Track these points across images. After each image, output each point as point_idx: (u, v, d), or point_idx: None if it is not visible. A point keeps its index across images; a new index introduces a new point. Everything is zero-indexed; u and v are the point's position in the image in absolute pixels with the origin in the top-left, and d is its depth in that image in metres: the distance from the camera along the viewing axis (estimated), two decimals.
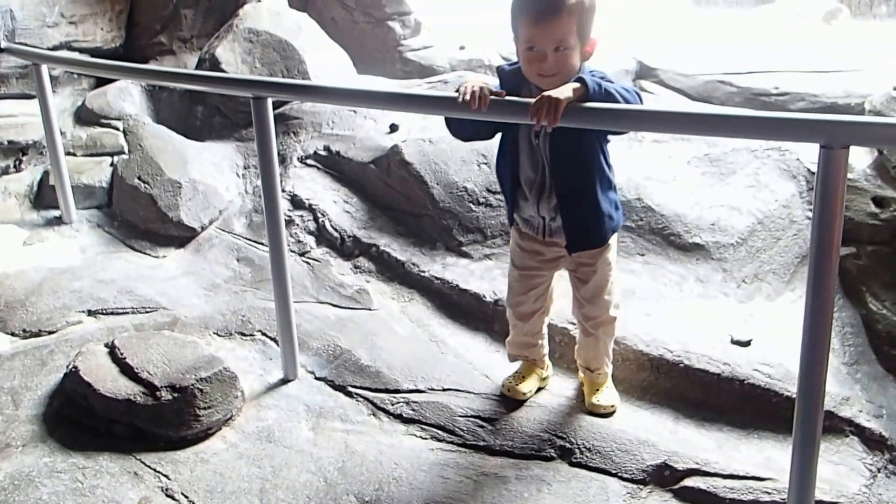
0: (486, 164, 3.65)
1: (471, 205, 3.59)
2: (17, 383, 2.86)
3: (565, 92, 2.04)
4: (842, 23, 6.05)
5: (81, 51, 4.97)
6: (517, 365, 2.76)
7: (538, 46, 2.15)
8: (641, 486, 2.34)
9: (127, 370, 2.64)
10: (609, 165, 2.39)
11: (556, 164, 2.30)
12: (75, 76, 4.98)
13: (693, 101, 4.75)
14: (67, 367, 2.73)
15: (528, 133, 2.33)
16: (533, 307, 2.59)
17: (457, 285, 3.27)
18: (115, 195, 4.30)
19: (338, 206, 3.91)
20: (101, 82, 4.99)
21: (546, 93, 2.05)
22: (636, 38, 5.55)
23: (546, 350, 2.74)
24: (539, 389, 2.73)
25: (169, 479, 2.39)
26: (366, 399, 2.77)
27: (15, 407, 2.73)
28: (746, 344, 2.75)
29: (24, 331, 3.23)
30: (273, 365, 2.97)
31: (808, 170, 3.40)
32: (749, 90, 4.71)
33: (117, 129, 4.60)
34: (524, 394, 2.67)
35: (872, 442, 2.44)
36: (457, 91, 2.22)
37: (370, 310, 3.33)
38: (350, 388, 2.83)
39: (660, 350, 2.74)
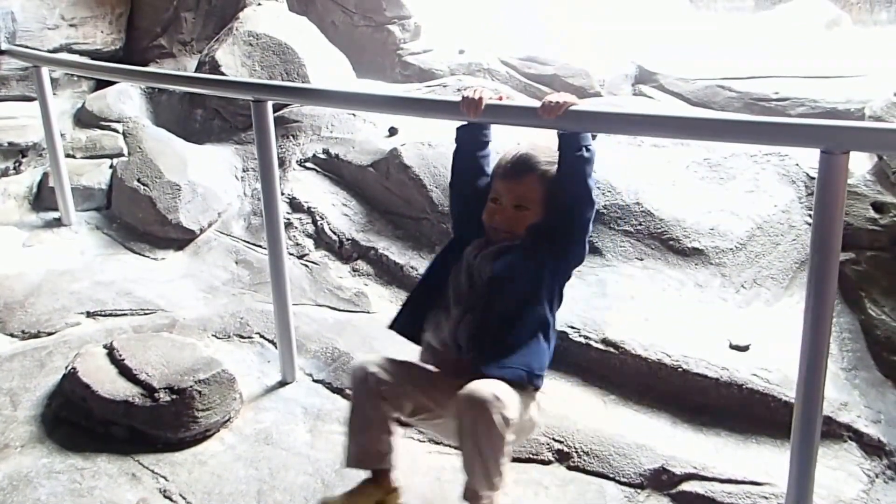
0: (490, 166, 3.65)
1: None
2: (15, 384, 2.85)
3: (572, 98, 2.08)
4: (842, 29, 6.06)
5: (81, 53, 4.98)
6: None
7: (501, 199, 2.16)
8: (639, 491, 2.33)
9: (125, 372, 2.63)
10: (552, 312, 2.13)
11: (493, 282, 2.09)
12: (75, 78, 4.99)
13: (692, 105, 4.75)
14: (66, 368, 2.72)
15: (474, 248, 2.19)
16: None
17: None
18: (114, 197, 4.30)
19: (336, 209, 3.91)
20: (100, 85, 5.00)
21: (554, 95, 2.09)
22: (636, 42, 5.56)
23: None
24: None
25: (167, 480, 2.38)
26: None
27: (13, 408, 2.72)
28: (745, 349, 2.75)
29: (23, 332, 3.23)
30: (271, 367, 2.97)
31: (808, 175, 3.40)
32: (749, 95, 4.71)
33: (117, 132, 4.61)
34: None
35: (870, 447, 2.45)
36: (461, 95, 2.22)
37: (368, 313, 3.33)
38: (348, 391, 2.82)
39: (658, 354, 2.74)
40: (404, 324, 2.26)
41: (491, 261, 2.13)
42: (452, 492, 2.30)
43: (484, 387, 1.91)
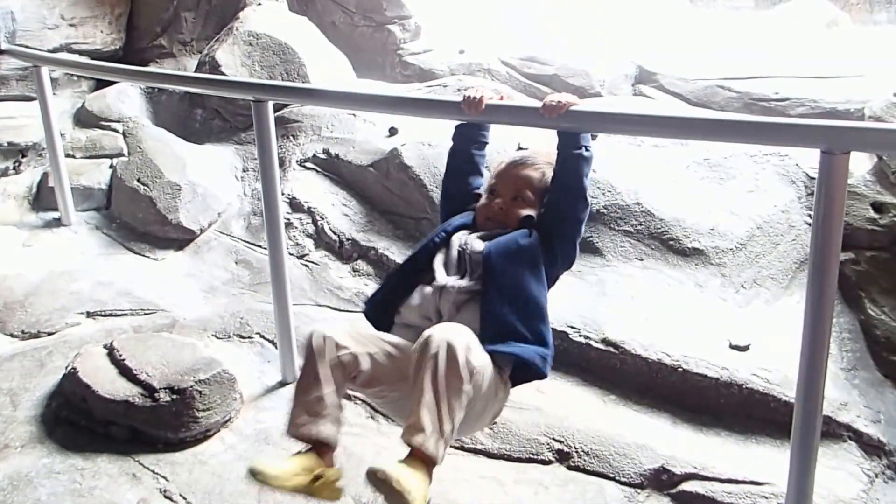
0: (486, 167, 3.65)
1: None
2: (15, 384, 2.85)
3: (573, 98, 2.10)
4: (842, 29, 6.06)
5: (81, 53, 4.98)
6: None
7: (499, 188, 2.18)
8: (639, 490, 2.34)
9: (125, 372, 2.63)
10: (546, 305, 2.05)
11: (489, 256, 2.03)
12: (75, 78, 4.99)
13: (692, 105, 4.75)
14: (66, 368, 2.72)
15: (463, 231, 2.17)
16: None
17: None
18: (114, 197, 4.30)
19: (336, 209, 3.91)
20: (100, 84, 5.00)
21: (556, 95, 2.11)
22: (635, 41, 5.56)
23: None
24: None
25: (167, 480, 2.39)
26: (364, 402, 2.77)
27: (13, 408, 2.73)
28: (745, 349, 2.75)
29: (23, 332, 3.23)
30: (271, 367, 2.97)
31: (807, 175, 3.40)
32: (749, 95, 4.71)
33: (117, 132, 4.61)
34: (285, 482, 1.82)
35: (870, 447, 2.45)
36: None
37: None
38: (348, 391, 2.82)
39: (658, 354, 2.74)
40: (376, 307, 2.19)
41: (484, 241, 2.09)
42: (454, 492, 2.31)
43: (452, 329, 1.80)
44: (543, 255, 2.08)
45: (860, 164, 3.32)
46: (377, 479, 1.70)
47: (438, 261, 2.10)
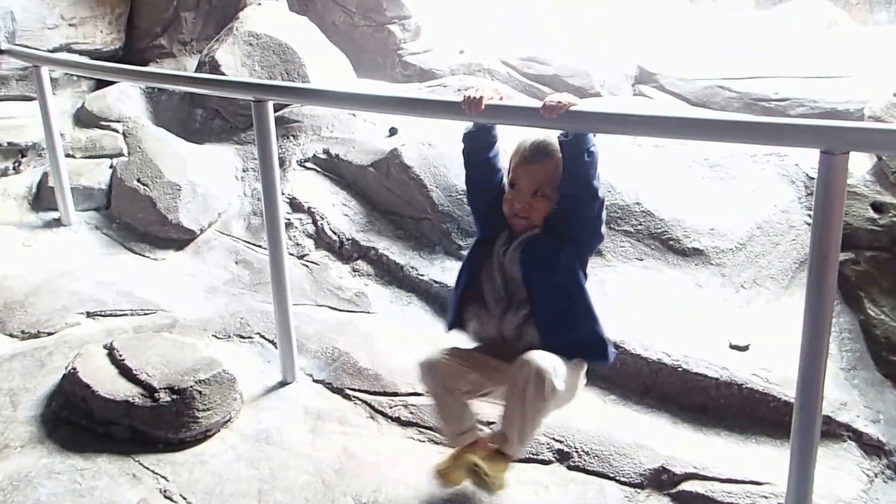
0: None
1: (469, 208, 3.59)
2: (15, 384, 2.85)
3: (573, 98, 2.11)
4: (842, 29, 6.06)
5: (81, 53, 4.99)
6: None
7: (519, 185, 2.23)
8: (639, 490, 2.34)
9: (126, 372, 2.63)
10: (588, 294, 2.24)
11: (528, 279, 2.20)
12: (75, 78, 4.99)
13: (692, 106, 4.75)
14: (66, 368, 2.72)
15: (501, 245, 2.27)
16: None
17: None
18: (114, 197, 4.30)
19: (337, 210, 3.91)
20: (100, 84, 5.00)
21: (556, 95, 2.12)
22: (635, 42, 5.56)
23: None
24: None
25: (167, 480, 2.38)
26: (364, 402, 2.77)
27: (13, 408, 2.72)
28: (745, 349, 2.75)
29: (23, 332, 3.23)
30: (271, 367, 2.97)
31: (807, 175, 3.41)
32: (748, 95, 4.72)
33: (117, 132, 4.61)
34: (457, 479, 2.27)
35: (870, 447, 2.45)
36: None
37: (369, 313, 3.33)
38: (348, 391, 2.83)
39: (658, 354, 2.74)
40: (455, 325, 2.38)
41: (518, 258, 2.22)
42: (453, 492, 2.31)
43: (543, 357, 2.09)
44: (573, 246, 2.21)
45: (860, 165, 3.32)
46: (472, 471, 2.16)
47: (486, 286, 2.28)
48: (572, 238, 2.19)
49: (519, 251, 2.22)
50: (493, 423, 2.46)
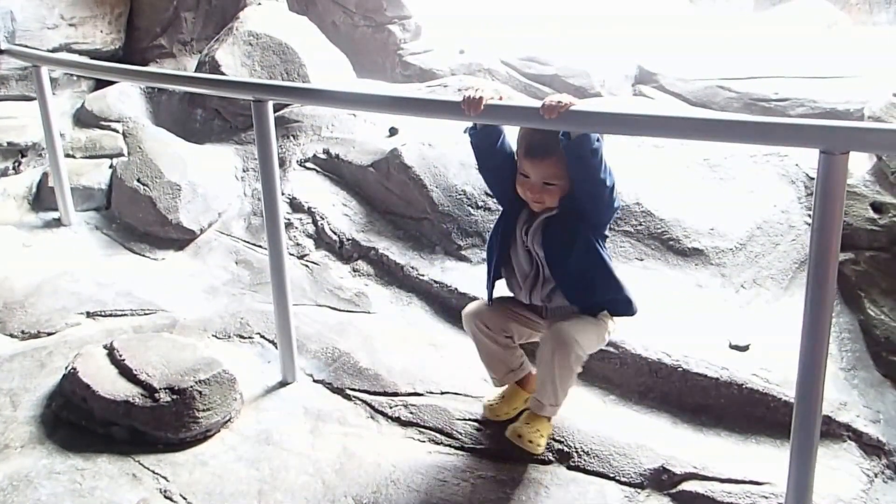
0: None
1: (470, 208, 3.59)
2: (15, 385, 2.85)
3: (573, 98, 2.12)
4: (841, 29, 6.06)
5: (81, 53, 4.98)
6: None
7: (529, 175, 2.31)
8: (639, 490, 2.34)
9: (126, 372, 2.63)
10: (608, 260, 2.40)
11: (550, 257, 2.35)
12: (75, 78, 4.99)
13: (692, 106, 4.76)
14: (66, 368, 2.72)
15: (522, 224, 2.40)
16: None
17: (455, 289, 3.28)
18: (114, 197, 4.30)
19: (337, 210, 3.91)
20: (100, 84, 5.00)
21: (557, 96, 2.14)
22: (635, 42, 5.56)
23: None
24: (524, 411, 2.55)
25: (168, 480, 2.39)
26: (364, 402, 2.77)
27: (14, 408, 2.73)
28: (745, 349, 2.75)
29: (23, 332, 3.23)
30: (272, 367, 2.97)
31: (807, 175, 3.41)
32: (748, 95, 4.72)
33: (117, 132, 4.61)
34: (506, 413, 2.59)
35: (870, 447, 2.45)
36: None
37: (369, 313, 3.33)
38: (348, 391, 2.83)
39: (658, 354, 2.74)
40: (493, 297, 2.54)
41: (540, 239, 2.34)
42: (453, 492, 2.31)
43: (568, 329, 2.30)
44: (588, 222, 2.33)
45: (860, 165, 3.33)
46: (514, 436, 2.42)
47: (515, 264, 2.44)
48: (588, 217, 2.31)
49: (539, 231, 2.34)
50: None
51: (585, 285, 2.36)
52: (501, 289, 2.53)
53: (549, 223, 2.33)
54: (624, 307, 2.43)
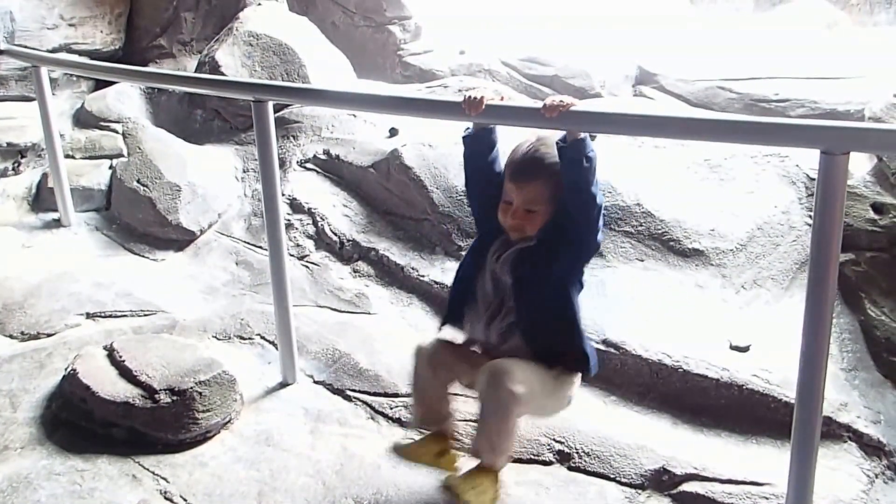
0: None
1: (470, 209, 3.59)
2: (15, 386, 2.85)
3: (573, 99, 2.12)
4: (842, 30, 6.06)
5: (81, 53, 4.98)
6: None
7: (513, 199, 2.25)
8: (640, 491, 2.34)
9: (126, 373, 2.63)
10: (576, 309, 2.28)
11: (518, 288, 2.25)
12: (74, 79, 4.98)
13: (693, 106, 4.75)
14: (66, 369, 2.72)
15: (495, 251, 2.31)
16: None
17: None
18: (113, 198, 4.30)
19: (337, 210, 3.91)
20: (100, 85, 4.99)
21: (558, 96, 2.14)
22: (636, 43, 5.56)
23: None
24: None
25: (167, 482, 2.38)
26: (364, 403, 2.77)
27: (13, 409, 2.72)
28: (745, 349, 2.75)
29: (23, 333, 3.23)
30: (272, 368, 2.97)
31: (808, 176, 3.40)
32: (749, 96, 4.72)
33: (116, 132, 4.60)
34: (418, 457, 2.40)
35: (870, 448, 2.45)
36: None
37: (369, 314, 3.33)
38: (349, 392, 2.83)
39: (658, 355, 2.74)
40: (448, 324, 2.46)
41: (510, 268, 2.25)
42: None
43: (502, 363, 2.16)
44: (568, 254, 2.23)
45: (860, 165, 3.32)
46: (449, 489, 2.22)
47: (479, 291, 2.34)
48: (569, 247, 2.21)
49: (510, 260, 2.26)
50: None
51: (547, 326, 2.25)
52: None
53: (523, 253, 2.25)
54: (582, 363, 2.30)
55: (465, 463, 2.31)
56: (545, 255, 2.22)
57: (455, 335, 2.44)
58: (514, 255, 2.26)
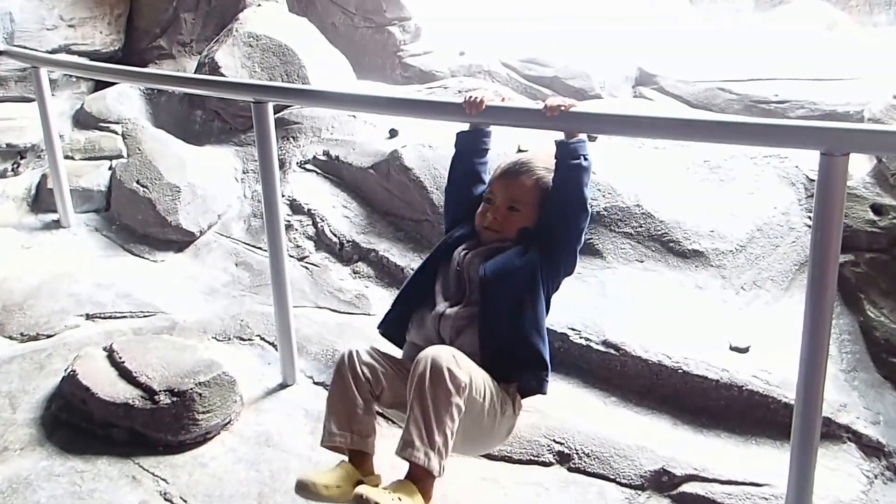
0: (487, 174, 3.65)
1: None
2: (14, 387, 2.85)
3: (574, 101, 2.12)
4: (841, 31, 6.06)
5: (80, 54, 4.98)
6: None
7: (495, 198, 2.22)
8: (639, 492, 2.34)
9: (125, 374, 2.63)
10: (540, 315, 2.12)
11: (485, 284, 2.11)
12: (74, 79, 4.98)
13: (693, 107, 4.76)
14: (65, 370, 2.72)
15: (463, 249, 2.23)
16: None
17: None
18: (113, 199, 4.29)
19: (337, 211, 3.91)
20: (99, 86, 4.99)
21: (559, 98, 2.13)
22: (636, 44, 5.56)
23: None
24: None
25: (167, 483, 2.38)
26: None
27: (13, 410, 2.72)
28: (745, 350, 2.75)
29: (22, 334, 3.23)
30: (272, 370, 2.97)
31: (807, 177, 3.41)
32: (749, 97, 4.72)
33: (116, 133, 4.60)
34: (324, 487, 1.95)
35: (869, 448, 2.45)
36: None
37: (369, 315, 3.33)
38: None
39: (659, 356, 2.74)
40: (390, 324, 2.31)
41: (482, 260, 2.16)
42: (454, 494, 2.31)
43: (441, 349, 1.93)
44: (544, 263, 2.13)
45: (860, 167, 3.33)
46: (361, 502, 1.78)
47: (438, 285, 2.21)
48: (546, 258, 2.14)
49: (482, 255, 2.17)
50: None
51: (510, 326, 2.07)
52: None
53: (498, 250, 2.15)
54: (538, 382, 2.12)
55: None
56: (521, 253, 2.13)
57: (390, 347, 2.24)
58: (487, 252, 2.18)
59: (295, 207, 3.94)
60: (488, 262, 2.14)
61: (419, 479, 1.86)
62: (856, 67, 4.87)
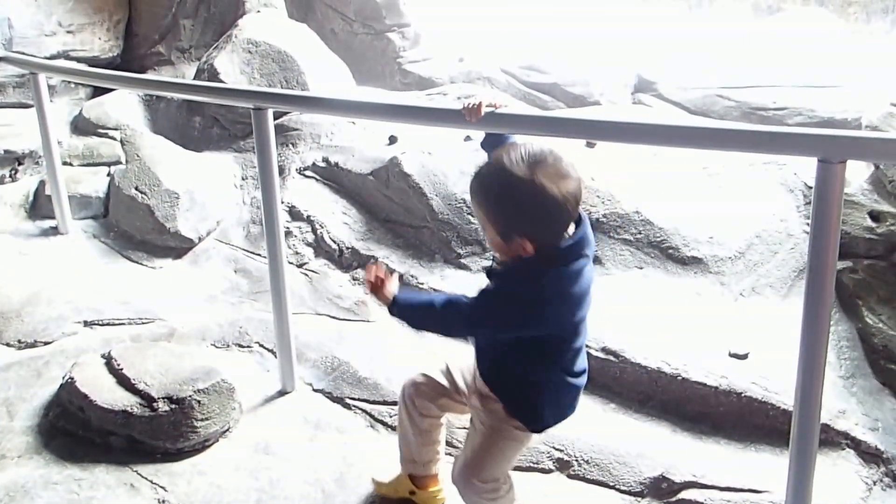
0: None
1: (469, 216, 3.59)
2: (12, 394, 2.85)
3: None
4: (839, 38, 6.07)
5: (79, 60, 4.99)
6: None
7: None
8: (639, 499, 2.34)
9: (124, 381, 2.63)
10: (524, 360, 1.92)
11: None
12: (73, 85, 4.99)
13: (691, 114, 4.77)
14: (63, 378, 2.72)
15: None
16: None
17: None
18: (111, 205, 4.29)
19: (336, 218, 3.91)
20: (98, 92, 5.00)
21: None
22: (635, 51, 5.57)
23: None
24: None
25: (166, 490, 2.38)
26: (363, 411, 2.77)
27: (10, 418, 2.72)
28: (744, 357, 2.75)
29: (20, 341, 3.23)
30: (271, 377, 2.97)
31: (806, 184, 3.41)
32: (747, 104, 4.74)
33: (114, 139, 4.60)
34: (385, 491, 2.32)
35: (868, 455, 2.45)
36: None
37: (368, 321, 3.33)
38: (348, 400, 2.83)
39: (658, 363, 2.74)
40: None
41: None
42: (454, 501, 2.30)
43: (458, 471, 1.99)
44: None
45: (857, 174, 3.33)
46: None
47: None
48: None
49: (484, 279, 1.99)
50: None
51: (497, 366, 1.96)
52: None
53: (490, 276, 1.92)
54: (532, 418, 1.95)
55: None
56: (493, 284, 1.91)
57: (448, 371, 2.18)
58: (486, 273, 1.96)
59: (294, 214, 3.94)
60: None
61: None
62: (853, 75, 4.88)
